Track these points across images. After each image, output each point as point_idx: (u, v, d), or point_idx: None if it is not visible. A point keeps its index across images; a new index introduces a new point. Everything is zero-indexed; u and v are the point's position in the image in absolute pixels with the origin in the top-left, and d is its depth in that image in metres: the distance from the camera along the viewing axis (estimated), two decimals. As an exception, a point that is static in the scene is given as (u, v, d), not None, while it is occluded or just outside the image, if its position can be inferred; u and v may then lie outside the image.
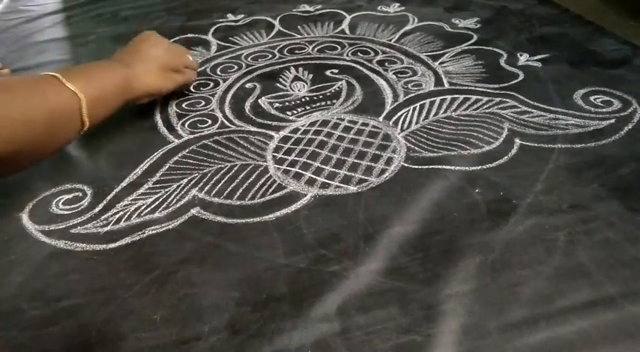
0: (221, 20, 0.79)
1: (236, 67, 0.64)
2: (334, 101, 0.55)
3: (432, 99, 0.54)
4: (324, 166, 0.45)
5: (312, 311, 0.33)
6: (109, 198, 0.43)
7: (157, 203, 0.42)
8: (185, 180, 0.45)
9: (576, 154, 0.45)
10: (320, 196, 0.42)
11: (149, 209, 0.42)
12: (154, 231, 0.40)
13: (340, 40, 0.70)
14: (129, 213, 0.42)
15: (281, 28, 0.75)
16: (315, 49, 0.68)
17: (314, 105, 0.55)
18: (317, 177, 0.44)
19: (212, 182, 0.44)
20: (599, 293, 0.33)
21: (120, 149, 0.50)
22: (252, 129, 0.52)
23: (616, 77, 0.56)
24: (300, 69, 0.63)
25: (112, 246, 0.39)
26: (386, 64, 0.63)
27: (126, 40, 0.73)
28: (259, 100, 0.57)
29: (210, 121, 0.53)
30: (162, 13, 0.83)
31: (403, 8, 0.79)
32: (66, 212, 0.42)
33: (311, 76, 0.61)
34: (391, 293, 0.34)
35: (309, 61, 0.65)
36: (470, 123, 0.50)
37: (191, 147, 0.49)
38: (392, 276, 0.35)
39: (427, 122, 0.51)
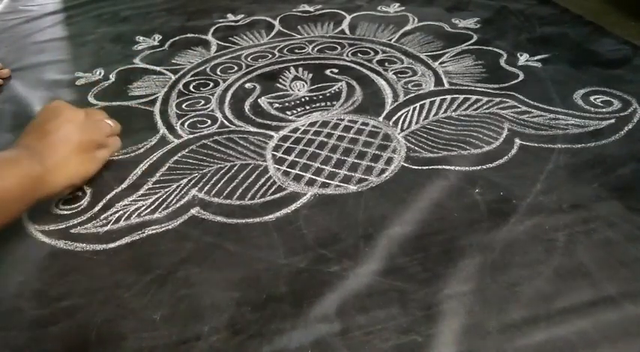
0: (221, 20, 0.79)
1: (236, 67, 0.64)
2: (334, 102, 0.55)
3: (432, 99, 0.54)
4: (324, 166, 0.45)
5: (312, 312, 0.33)
6: (108, 197, 0.43)
7: (157, 203, 0.42)
8: (185, 180, 0.45)
9: (576, 154, 0.45)
10: (320, 195, 0.42)
11: (149, 209, 0.42)
12: (154, 231, 0.40)
13: (340, 40, 0.70)
14: (128, 212, 0.42)
15: (281, 28, 0.75)
16: (315, 49, 0.68)
17: (314, 105, 0.55)
18: (317, 177, 0.44)
19: (212, 182, 0.44)
20: (599, 293, 0.33)
21: (119, 149, 0.50)
22: (252, 129, 0.52)
23: (616, 77, 0.56)
24: (300, 69, 0.63)
25: (111, 245, 0.39)
26: (386, 64, 0.63)
27: (126, 40, 0.73)
28: (259, 100, 0.57)
29: (209, 121, 0.53)
30: (163, 13, 0.83)
31: (403, 8, 0.79)
32: (66, 212, 0.42)
33: (311, 76, 0.61)
34: (391, 293, 0.34)
35: (309, 61, 0.65)
36: (470, 123, 0.50)
37: (191, 147, 0.49)
38: (392, 276, 0.35)
39: (427, 122, 0.51)
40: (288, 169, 0.45)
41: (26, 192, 0.38)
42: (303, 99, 0.56)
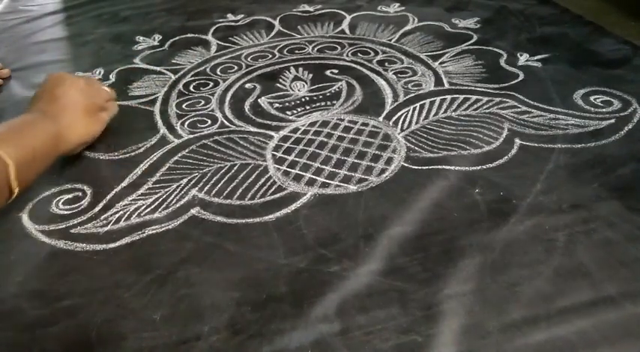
0: (221, 20, 0.79)
1: (236, 67, 0.64)
2: (334, 102, 0.55)
3: (432, 99, 0.54)
4: (324, 166, 0.45)
5: (312, 312, 0.33)
6: (108, 197, 0.43)
7: (157, 203, 0.42)
8: (185, 180, 0.45)
9: (576, 154, 0.45)
10: (320, 195, 0.42)
11: (149, 209, 0.42)
12: (154, 231, 0.40)
13: (340, 40, 0.70)
14: (129, 212, 0.42)
15: (281, 28, 0.75)
16: (315, 49, 0.68)
17: (314, 105, 0.55)
18: (317, 177, 0.44)
19: (212, 182, 0.44)
20: (599, 293, 0.33)
21: (119, 149, 0.50)
22: (252, 129, 0.52)
23: (616, 77, 0.56)
24: (300, 69, 0.63)
25: (111, 245, 0.39)
26: (386, 64, 0.63)
27: (126, 40, 0.73)
28: (259, 100, 0.57)
29: (209, 121, 0.53)
30: (163, 13, 0.83)
31: (403, 8, 0.79)
32: (66, 212, 0.42)
33: (311, 76, 0.61)
34: (391, 293, 0.34)
35: (309, 61, 0.65)
36: (470, 123, 0.50)
37: (191, 147, 0.49)
38: (392, 276, 0.35)
39: (427, 122, 0.51)
40: (288, 169, 0.45)
41: (50, 148, 0.42)
42: (303, 100, 0.56)
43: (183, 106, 0.56)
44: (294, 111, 0.54)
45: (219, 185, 0.44)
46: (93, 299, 0.35)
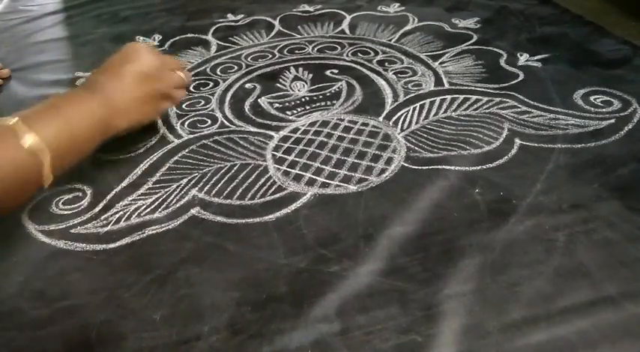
0: (221, 20, 0.79)
1: (236, 67, 0.64)
2: (334, 101, 0.55)
3: (432, 99, 0.54)
4: (324, 166, 0.45)
5: (312, 312, 0.33)
6: (108, 197, 0.43)
7: (157, 203, 0.42)
8: (185, 180, 0.45)
9: (576, 154, 0.45)
10: (320, 195, 0.42)
11: (149, 209, 0.42)
12: (154, 231, 0.40)
13: (340, 40, 0.70)
14: (129, 213, 0.42)
15: (281, 28, 0.75)
16: (315, 49, 0.68)
17: (314, 105, 0.55)
18: (317, 177, 0.44)
19: (212, 182, 0.44)
20: (599, 293, 0.33)
21: (119, 149, 0.50)
22: (252, 129, 0.52)
23: (616, 77, 0.56)
24: (300, 69, 0.63)
25: (111, 245, 0.39)
26: (386, 64, 0.63)
27: (126, 40, 0.73)
28: (259, 100, 0.57)
29: (209, 121, 0.53)
30: (163, 13, 0.83)
31: (403, 8, 0.79)
32: (66, 212, 0.42)
33: (311, 76, 0.61)
34: (391, 293, 0.34)
35: (309, 61, 0.65)
36: (470, 123, 0.50)
37: (191, 147, 0.49)
38: (392, 276, 0.35)
39: (427, 122, 0.51)
40: (288, 169, 0.45)
41: (96, 131, 0.40)
42: (303, 100, 0.56)
43: (184, 106, 0.56)
44: (294, 111, 0.54)
45: (219, 185, 0.44)
46: (93, 299, 0.35)
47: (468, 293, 0.33)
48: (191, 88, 0.60)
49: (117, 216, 0.41)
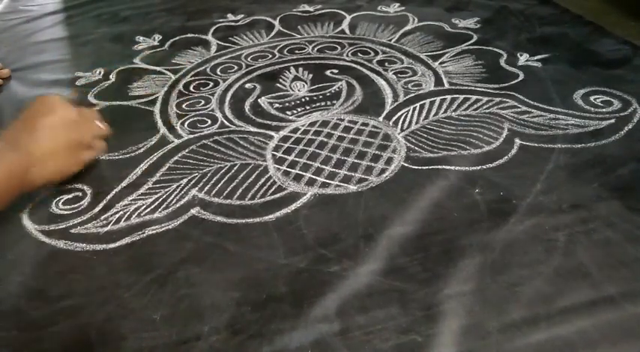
0: (221, 20, 0.79)
1: (236, 67, 0.64)
2: (334, 101, 0.55)
3: (432, 99, 0.54)
4: (324, 166, 0.45)
5: (312, 312, 0.33)
6: (108, 198, 0.43)
7: (157, 203, 0.42)
8: (185, 180, 0.45)
9: (576, 154, 0.45)
10: (320, 195, 0.42)
11: (149, 209, 0.42)
12: (154, 231, 0.40)
13: (340, 40, 0.70)
14: (129, 213, 0.42)
15: (281, 28, 0.75)
16: (315, 49, 0.68)
17: (314, 105, 0.55)
18: (317, 177, 0.44)
19: (212, 182, 0.44)
20: (599, 293, 0.33)
21: (119, 149, 0.50)
22: (252, 129, 0.52)
23: (616, 77, 0.56)
24: (300, 69, 0.63)
25: (111, 245, 0.39)
26: (386, 64, 0.63)
27: (126, 40, 0.73)
28: (259, 100, 0.57)
29: (209, 121, 0.53)
30: (163, 13, 0.83)
31: (403, 8, 0.79)
32: (66, 212, 0.42)
33: (311, 76, 0.61)
34: (391, 293, 0.34)
35: (309, 61, 0.65)
36: (470, 123, 0.50)
37: (191, 147, 0.49)
38: (392, 276, 0.35)
39: (427, 122, 0.51)
40: (288, 169, 0.45)
41: (9, 186, 0.38)
42: (303, 100, 0.56)
43: (184, 106, 0.56)
44: (294, 111, 0.54)
45: (219, 185, 0.44)
46: (93, 299, 0.35)
47: (467, 293, 0.33)
48: (191, 88, 0.60)
49: (117, 216, 0.41)
